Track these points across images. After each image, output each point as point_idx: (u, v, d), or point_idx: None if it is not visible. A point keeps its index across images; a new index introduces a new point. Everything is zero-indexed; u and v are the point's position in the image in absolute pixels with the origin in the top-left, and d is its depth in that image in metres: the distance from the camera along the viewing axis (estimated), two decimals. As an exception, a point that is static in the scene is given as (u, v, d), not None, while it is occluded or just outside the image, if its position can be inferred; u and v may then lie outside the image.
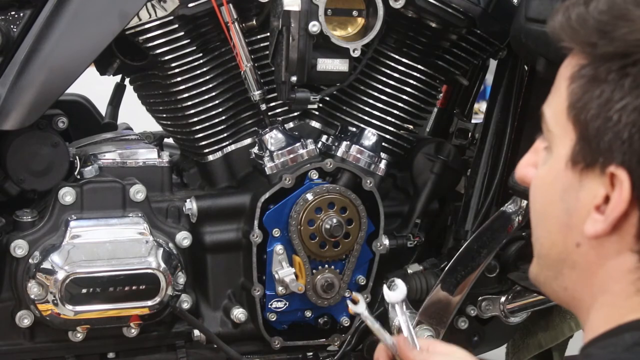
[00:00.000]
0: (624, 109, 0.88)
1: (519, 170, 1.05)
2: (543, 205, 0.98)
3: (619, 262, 0.91)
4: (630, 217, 0.89)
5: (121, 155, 2.00)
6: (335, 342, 2.09)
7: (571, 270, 0.96)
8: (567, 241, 0.95)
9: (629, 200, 0.88)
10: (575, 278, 0.97)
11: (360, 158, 2.00)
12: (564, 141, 0.93)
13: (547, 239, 0.99)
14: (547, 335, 2.29)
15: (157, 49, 1.95)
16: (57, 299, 1.80)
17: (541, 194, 0.99)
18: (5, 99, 1.80)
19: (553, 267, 0.99)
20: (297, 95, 1.92)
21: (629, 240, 0.90)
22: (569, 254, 0.95)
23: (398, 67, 2.07)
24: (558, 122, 0.94)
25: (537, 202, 0.99)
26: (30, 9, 1.84)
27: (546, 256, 0.99)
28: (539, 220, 1.00)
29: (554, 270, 0.99)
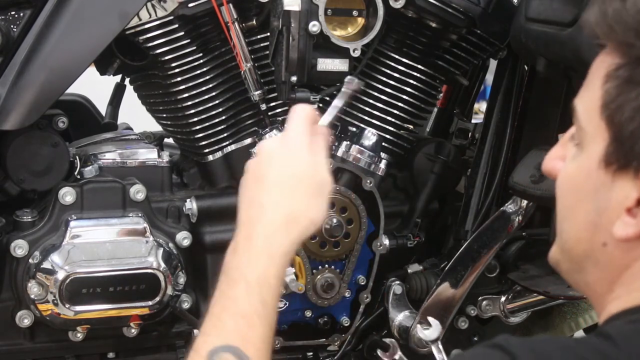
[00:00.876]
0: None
1: (547, 163, 1.04)
2: (572, 202, 0.98)
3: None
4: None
5: (121, 155, 2.00)
6: (335, 342, 2.09)
7: (594, 267, 0.96)
8: (593, 239, 0.95)
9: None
10: (598, 275, 0.96)
11: (360, 158, 2.00)
12: (596, 140, 0.93)
13: (573, 234, 0.98)
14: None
15: (157, 49, 1.95)
16: (57, 298, 1.80)
17: (570, 190, 0.98)
18: (5, 99, 1.80)
19: (576, 261, 0.99)
20: (297, 95, 1.92)
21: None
22: (594, 252, 0.95)
23: (398, 67, 2.07)
24: (591, 120, 0.93)
25: (566, 197, 0.99)
26: (30, 9, 1.83)
27: (570, 250, 0.99)
28: (566, 215, 0.99)
29: (577, 264, 0.99)
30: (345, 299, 2.05)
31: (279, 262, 1.23)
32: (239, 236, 1.22)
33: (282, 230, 1.23)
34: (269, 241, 1.22)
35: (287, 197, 1.26)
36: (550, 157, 1.04)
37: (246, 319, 1.17)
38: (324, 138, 1.30)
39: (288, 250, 1.25)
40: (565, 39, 1.71)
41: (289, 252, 1.25)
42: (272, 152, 1.26)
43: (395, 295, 2.06)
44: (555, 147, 1.04)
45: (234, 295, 1.19)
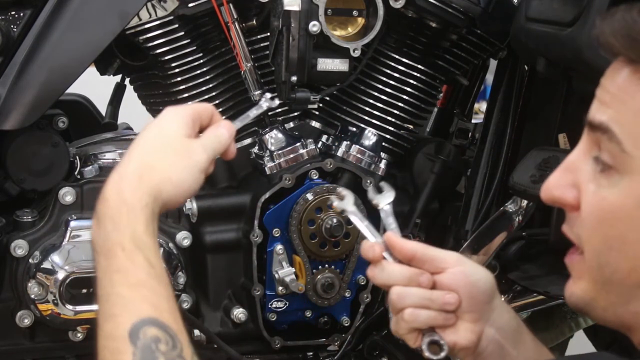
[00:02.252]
0: None
1: (555, 191, 0.98)
2: (622, 231, 0.93)
3: None
4: None
5: (121, 155, 1.99)
6: (335, 342, 2.09)
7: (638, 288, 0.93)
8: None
9: None
10: None
11: (360, 158, 2.00)
12: None
13: (625, 264, 0.94)
14: (547, 335, 2.29)
15: (157, 49, 1.95)
16: (57, 298, 1.80)
17: (619, 219, 0.93)
18: (5, 98, 1.80)
19: (627, 292, 0.95)
20: (297, 95, 1.92)
21: None
22: None
23: (398, 67, 2.07)
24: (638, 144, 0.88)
25: (611, 227, 0.93)
26: (31, 8, 1.83)
27: (620, 282, 0.95)
28: (614, 245, 0.94)
29: (627, 295, 0.95)
30: (346, 299, 2.05)
31: (141, 216, 1.11)
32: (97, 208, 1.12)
33: (133, 181, 1.14)
34: (122, 196, 1.12)
35: (144, 151, 1.22)
36: (558, 185, 0.98)
37: (145, 285, 1.06)
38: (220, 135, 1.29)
39: (146, 203, 1.13)
40: (565, 39, 1.71)
41: (148, 205, 1.12)
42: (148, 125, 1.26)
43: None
44: (558, 173, 0.98)
45: (117, 266, 1.07)
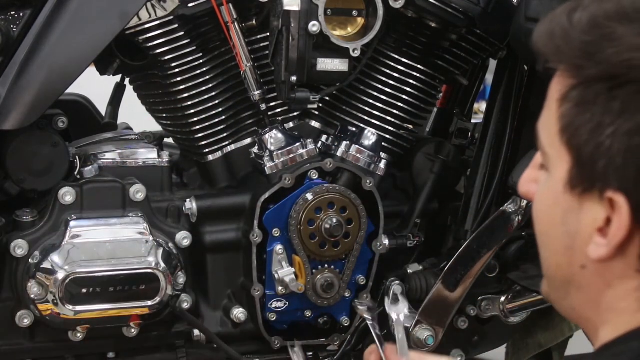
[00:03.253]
0: (614, 134, 0.86)
1: (522, 186, 1.03)
2: (546, 227, 0.97)
3: (624, 282, 0.90)
4: (634, 239, 0.88)
5: (121, 155, 2.00)
6: (335, 342, 2.09)
7: (578, 291, 0.95)
8: (572, 263, 0.94)
9: (629, 225, 0.87)
10: (582, 299, 0.95)
11: (360, 158, 2.00)
12: (560, 164, 0.92)
13: (552, 260, 0.97)
14: (547, 335, 2.29)
15: (157, 49, 1.95)
16: (57, 298, 1.80)
17: (543, 215, 0.97)
18: (5, 98, 1.80)
19: (561, 288, 0.98)
20: (297, 95, 1.92)
21: (633, 261, 0.89)
22: (574, 276, 0.94)
23: (398, 67, 2.07)
24: (552, 144, 0.92)
25: (540, 223, 0.98)
26: (30, 8, 1.84)
27: (553, 277, 0.98)
28: (544, 241, 0.98)
29: (562, 291, 0.98)
30: (345, 298, 2.05)
31: None
32: None
33: None
34: None
35: None
36: (524, 180, 1.02)
37: None
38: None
39: None
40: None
41: None
42: None
43: (395, 295, 2.06)
44: (528, 169, 1.02)
45: None
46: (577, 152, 0.90)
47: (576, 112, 0.89)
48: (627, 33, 0.85)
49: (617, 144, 0.85)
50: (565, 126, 0.91)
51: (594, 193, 0.89)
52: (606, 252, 0.89)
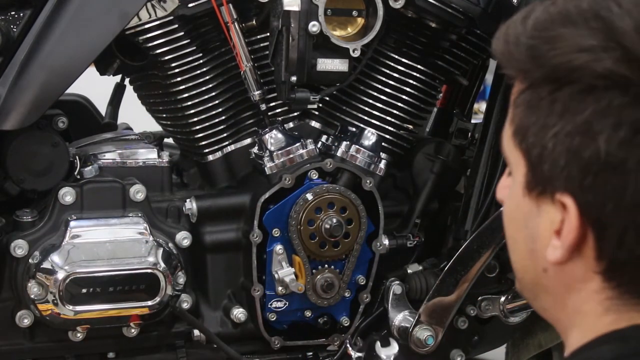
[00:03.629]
0: (557, 135, 0.86)
1: (498, 193, 1.04)
2: (512, 231, 0.97)
3: (586, 284, 0.90)
4: (587, 240, 0.88)
5: (121, 155, 2.00)
6: (335, 342, 2.09)
7: (545, 293, 0.96)
8: (536, 267, 0.94)
9: (578, 226, 0.87)
10: (550, 301, 0.96)
11: (360, 158, 2.00)
12: (518, 168, 0.92)
13: (519, 264, 0.98)
14: (547, 335, 2.29)
15: (157, 49, 1.95)
16: (57, 298, 1.80)
17: (509, 220, 0.98)
18: (5, 99, 1.80)
19: (530, 290, 0.98)
20: (297, 95, 1.92)
21: (591, 262, 0.89)
22: (539, 279, 0.94)
23: (398, 67, 2.07)
24: (510, 149, 0.93)
25: (507, 228, 0.98)
26: (30, 9, 1.84)
27: (522, 280, 0.98)
28: (511, 245, 0.99)
29: (532, 293, 0.98)
30: (345, 299, 2.05)
31: None
32: None
33: None
34: None
35: None
36: (500, 187, 1.03)
37: None
38: None
39: None
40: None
41: None
42: None
43: (395, 295, 2.06)
44: (503, 176, 1.03)
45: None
46: (528, 155, 0.90)
47: (524, 115, 0.90)
48: (568, 35, 0.85)
49: (559, 145, 0.86)
50: (517, 130, 0.92)
51: (547, 196, 0.89)
52: (561, 254, 0.89)
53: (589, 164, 0.84)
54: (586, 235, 0.87)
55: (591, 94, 0.83)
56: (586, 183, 0.85)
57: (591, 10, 0.84)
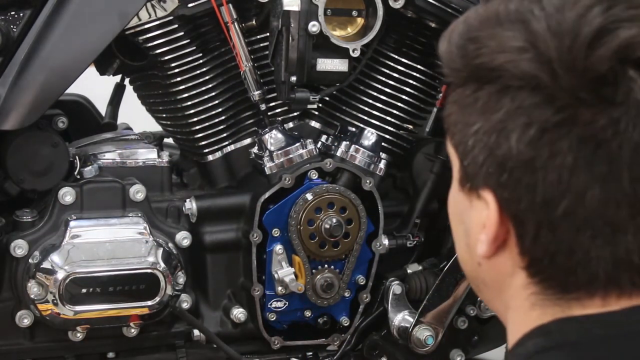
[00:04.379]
0: (476, 133, 0.88)
1: None
2: (453, 226, 1.00)
3: (513, 279, 0.92)
4: (510, 235, 0.90)
5: (121, 155, 2.00)
6: (334, 342, 2.09)
7: (485, 286, 0.98)
8: (472, 261, 0.96)
9: (498, 221, 0.89)
10: (489, 294, 0.98)
11: (359, 158, 2.00)
12: (454, 163, 0.95)
13: (461, 257, 1.00)
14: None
15: (156, 49, 1.95)
16: (57, 298, 1.81)
17: (450, 215, 1.00)
18: (5, 99, 1.80)
19: (473, 283, 1.00)
20: (297, 95, 1.92)
21: (516, 257, 0.90)
22: (477, 273, 0.97)
23: (398, 67, 2.07)
24: (448, 145, 0.96)
25: (451, 223, 1.01)
26: (30, 9, 1.84)
27: (465, 273, 1.01)
28: (454, 239, 1.01)
29: (475, 285, 1.01)
30: (345, 298, 2.05)
31: None
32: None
33: None
34: None
35: None
36: None
37: None
38: None
39: None
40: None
41: None
42: None
43: (395, 295, 2.06)
44: None
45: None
46: (457, 151, 0.93)
47: (453, 113, 0.93)
48: (492, 36, 0.87)
49: (478, 143, 0.88)
50: (448, 127, 0.95)
51: (475, 191, 0.92)
52: (486, 248, 0.91)
53: (504, 161, 0.87)
54: (509, 231, 0.90)
55: (507, 94, 0.86)
56: (502, 180, 0.87)
57: (516, 13, 0.87)
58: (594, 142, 0.83)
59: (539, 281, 0.90)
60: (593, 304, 0.88)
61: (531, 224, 0.87)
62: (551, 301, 0.90)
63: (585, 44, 0.83)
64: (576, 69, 0.83)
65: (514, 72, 0.85)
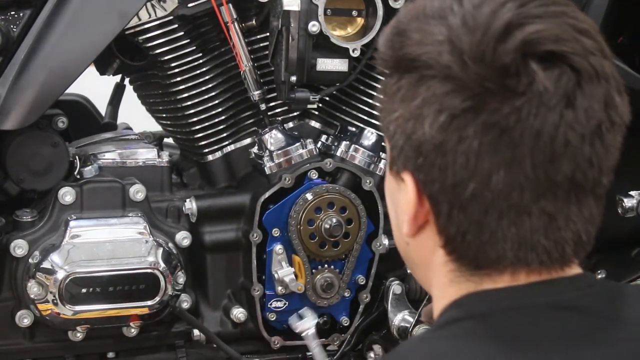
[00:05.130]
0: (397, 120, 0.94)
1: None
2: (388, 208, 1.05)
3: (435, 257, 0.97)
4: (429, 215, 0.95)
5: (121, 155, 2.00)
6: (334, 341, 2.09)
7: (414, 265, 1.04)
8: (401, 242, 1.03)
9: (416, 201, 0.95)
10: (419, 273, 1.04)
11: (359, 158, 2.00)
12: (387, 147, 1.00)
13: (395, 238, 1.06)
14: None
15: (156, 49, 1.95)
16: (56, 298, 1.81)
17: (386, 198, 1.05)
18: (5, 98, 1.80)
19: (406, 261, 1.06)
20: (297, 95, 1.92)
21: (435, 236, 0.96)
22: (407, 252, 1.03)
23: (398, 67, 2.07)
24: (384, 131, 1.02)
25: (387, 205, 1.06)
26: (30, 9, 1.84)
27: (400, 252, 1.06)
28: (390, 221, 1.06)
29: (408, 264, 1.07)
30: (345, 298, 2.05)
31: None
32: None
33: None
34: None
35: None
36: None
37: None
38: None
39: None
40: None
41: None
42: None
43: (395, 295, 2.07)
44: None
45: None
46: (385, 135, 0.99)
47: (381, 101, 0.99)
48: (415, 30, 0.93)
49: (399, 128, 0.94)
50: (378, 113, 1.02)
51: (399, 174, 0.97)
52: (407, 227, 0.97)
53: (419, 145, 0.92)
54: (428, 211, 0.95)
55: (424, 84, 0.92)
56: (419, 163, 0.93)
57: (439, 9, 0.93)
58: (498, 128, 0.89)
59: (455, 259, 0.96)
60: (502, 280, 0.94)
61: (445, 205, 0.93)
62: (465, 277, 0.96)
63: (494, 37, 0.89)
64: (484, 60, 0.89)
65: (430, 63, 0.91)
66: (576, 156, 0.90)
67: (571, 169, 0.91)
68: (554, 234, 0.93)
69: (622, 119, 0.94)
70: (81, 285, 1.82)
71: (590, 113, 0.90)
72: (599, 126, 0.91)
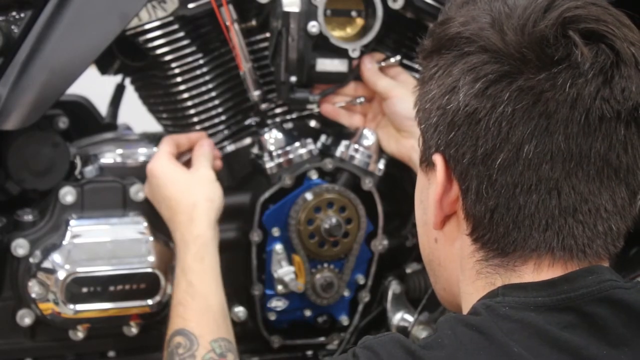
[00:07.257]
0: (432, 98, 0.95)
1: None
2: (416, 209, 1.05)
3: (463, 248, 0.97)
4: (457, 198, 0.95)
5: (122, 155, 2.00)
6: (334, 341, 2.10)
7: (440, 267, 1.02)
8: (429, 240, 1.01)
9: (444, 181, 0.95)
10: (446, 276, 1.02)
11: (359, 158, 2.01)
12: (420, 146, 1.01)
13: (421, 243, 1.04)
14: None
15: (157, 50, 1.96)
16: (57, 298, 1.81)
17: (415, 199, 1.06)
18: (6, 99, 1.80)
19: (430, 270, 1.04)
20: (297, 95, 1.93)
21: (462, 224, 0.96)
22: (434, 253, 1.01)
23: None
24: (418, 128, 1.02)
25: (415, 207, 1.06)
26: (31, 9, 1.84)
27: (424, 260, 1.04)
28: (417, 223, 1.06)
29: (432, 273, 1.04)
30: (344, 298, 2.06)
31: (192, 247, 1.69)
32: None
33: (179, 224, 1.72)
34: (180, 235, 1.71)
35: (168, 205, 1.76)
36: None
37: (181, 303, 1.64)
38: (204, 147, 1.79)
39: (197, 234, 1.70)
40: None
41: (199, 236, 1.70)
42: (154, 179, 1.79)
43: (394, 294, 2.07)
44: None
45: (174, 291, 1.69)
46: (420, 127, 0.99)
47: (418, 89, 1.00)
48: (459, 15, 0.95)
49: (433, 105, 0.95)
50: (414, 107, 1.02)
51: (430, 165, 0.97)
52: (435, 214, 0.97)
53: (453, 117, 0.93)
54: (455, 198, 0.95)
55: (462, 59, 0.93)
56: (451, 137, 0.93)
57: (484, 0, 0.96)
58: (532, 95, 0.89)
59: (481, 246, 0.95)
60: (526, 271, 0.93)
61: (474, 180, 0.92)
62: (492, 268, 0.95)
63: (536, 11, 0.90)
64: (525, 31, 0.90)
65: (472, 39, 0.92)
66: (611, 134, 0.88)
67: (605, 148, 0.88)
68: (583, 217, 0.90)
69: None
70: (82, 285, 1.82)
71: (626, 94, 0.88)
72: (635, 108, 0.89)
